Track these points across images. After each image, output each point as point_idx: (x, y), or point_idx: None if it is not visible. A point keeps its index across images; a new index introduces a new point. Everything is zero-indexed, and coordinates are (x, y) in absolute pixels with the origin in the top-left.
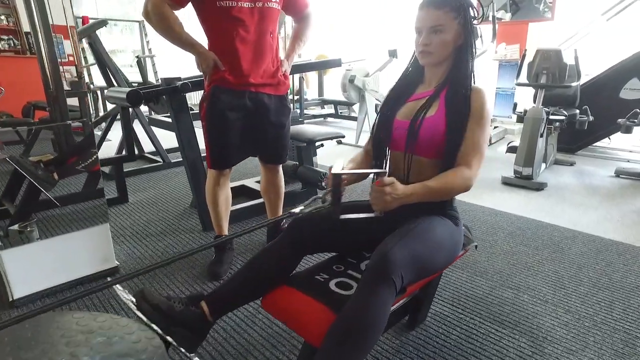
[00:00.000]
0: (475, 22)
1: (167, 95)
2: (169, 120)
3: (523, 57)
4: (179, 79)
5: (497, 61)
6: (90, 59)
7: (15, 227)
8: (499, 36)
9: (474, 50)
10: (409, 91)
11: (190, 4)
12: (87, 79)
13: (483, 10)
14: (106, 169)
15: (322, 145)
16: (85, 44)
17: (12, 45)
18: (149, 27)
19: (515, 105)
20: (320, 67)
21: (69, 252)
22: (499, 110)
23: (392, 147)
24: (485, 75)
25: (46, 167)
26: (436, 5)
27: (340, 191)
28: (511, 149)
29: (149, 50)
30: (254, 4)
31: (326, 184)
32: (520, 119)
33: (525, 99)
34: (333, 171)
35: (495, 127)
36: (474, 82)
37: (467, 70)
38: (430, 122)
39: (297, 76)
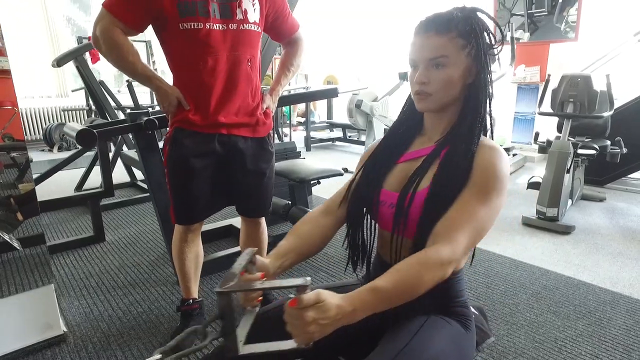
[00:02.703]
0: (492, 51)
1: (133, 133)
2: None
3: (546, 82)
4: (146, 113)
5: (516, 84)
6: (80, 83)
7: None
8: (517, 57)
9: (489, 90)
10: (403, 145)
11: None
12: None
13: (502, 34)
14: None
15: (318, 182)
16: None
17: None
18: (155, 47)
19: (536, 134)
20: (313, 98)
21: (4, 321)
22: (517, 136)
23: (379, 224)
24: (504, 98)
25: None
26: (438, 29)
27: (232, 316)
28: (533, 185)
29: (154, 70)
30: (226, 26)
31: None
32: (542, 150)
33: (547, 126)
34: (217, 289)
35: (514, 155)
36: (488, 136)
37: (476, 121)
38: (423, 198)
39: None
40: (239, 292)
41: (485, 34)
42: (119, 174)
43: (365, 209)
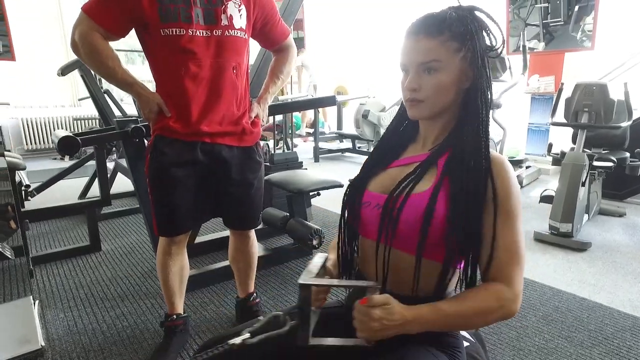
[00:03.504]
0: (492, 53)
1: (122, 141)
2: None
3: (559, 91)
4: (134, 121)
5: (530, 94)
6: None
7: None
8: (531, 67)
9: (488, 95)
10: (395, 152)
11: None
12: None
13: (503, 37)
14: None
15: (318, 194)
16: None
17: None
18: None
19: (550, 145)
20: (310, 106)
21: None
22: (532, 148)
23: (362, 231)
24: (517, 109)
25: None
26: (429, 31)
27: (309, 308)
28: (546, 199)
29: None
30: (210, 32)
31: (317, 243)
32: (556, 162)
33: (562, 137)
34: (301, 280)
35: (527, 167)
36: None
37: (477, 128)
38: (419, 201)
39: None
40: (319, 285)
41: (483, 34)
42: (124, 184)
43: (348, 216)
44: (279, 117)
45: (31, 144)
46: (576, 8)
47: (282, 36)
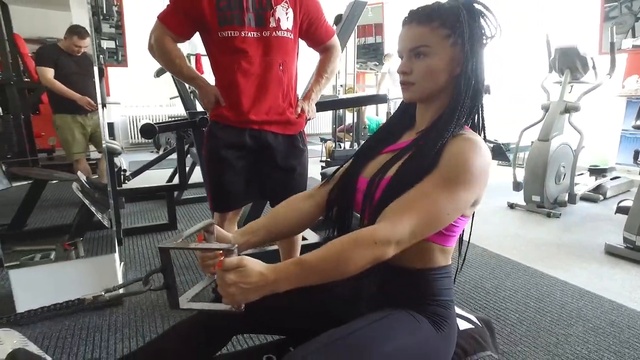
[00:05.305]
0: (486, 41)
1: (192, 129)
2: None
3: None
4: (202, 113)
5: (625, 97)
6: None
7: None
8: (628, 67)
9: (478, 81)
10: (392, 138)
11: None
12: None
13: (500, 27)
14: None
15: None
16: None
17: None
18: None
19: (636, 153)
20: (360, 103)
21: (73, 276)
22: (623, 157)
23: (357, 211)
24: (607, 113)
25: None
26: (420, 19)
27: (172, 271)
28: (621, 210)
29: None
30: (260, 33)
31: None
32: None
33: None
34: (160, 245)
35: (613, 178)
36: (481, 129)
37: (454, 109)
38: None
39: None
40: (175, 249)
41: (477, 24)
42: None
43: (345, 198)
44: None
45: (134, 138)
46: None
47: (326, 36)
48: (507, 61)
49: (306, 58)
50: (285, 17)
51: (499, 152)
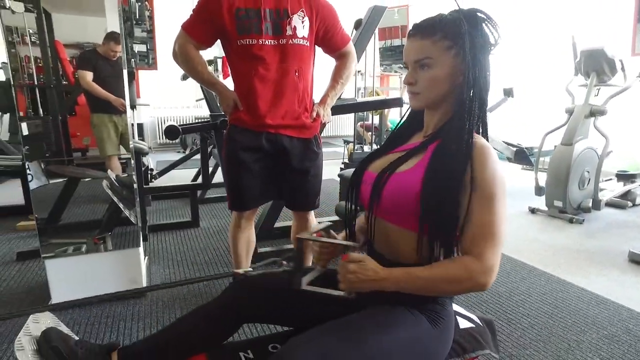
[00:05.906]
0: (490, 49)
1: (214, 131)
2: None
3: None
4: (223, 116)
5: None
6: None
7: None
8: None
9: (482, 89)
10: (402, 140)
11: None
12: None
13: (500, 36)
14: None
15: None
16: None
17: None
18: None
19: None
20: (375, 107)
21: (101, 267)
22: None
23: (363, 203)
24: (639, 117)
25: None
26: (423, 33)
27: (303, 257)
28: None
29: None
30: (277, 41)
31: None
32: None
33: None
34: (299, 235)
35: None
36: (483, 135)
37: (462, 116)
38: (400, 178)
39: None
40: (311, 240)
41: (478, 32)
42: None
43: (354, 191)
44: (376, 121)
45: (162, 138)
46: None
47: (342, 43)
48: (532, 64)
49: (323, 64)
50: (301, 26)
51: (522, 156)
